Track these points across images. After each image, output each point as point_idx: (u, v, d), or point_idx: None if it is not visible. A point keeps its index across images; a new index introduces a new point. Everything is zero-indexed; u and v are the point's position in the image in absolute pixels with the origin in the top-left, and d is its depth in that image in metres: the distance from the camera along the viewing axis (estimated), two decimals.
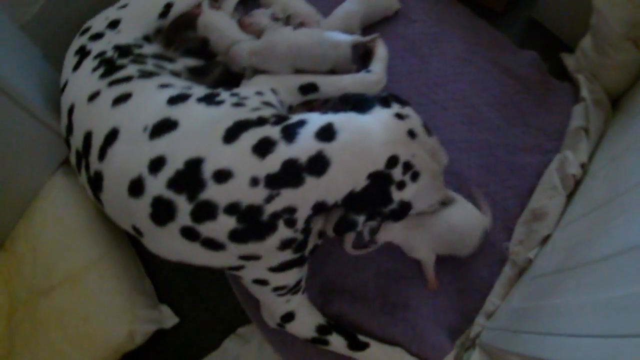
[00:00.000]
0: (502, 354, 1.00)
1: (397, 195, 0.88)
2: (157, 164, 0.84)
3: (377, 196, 0.88)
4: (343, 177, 0.85)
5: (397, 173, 0.87)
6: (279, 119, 0.90)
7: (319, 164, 0.83)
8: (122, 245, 1.33)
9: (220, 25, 1.21)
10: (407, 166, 0.88)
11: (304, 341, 1.11)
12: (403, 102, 0.96)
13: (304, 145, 0.84)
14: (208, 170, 0.82)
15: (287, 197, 0.83)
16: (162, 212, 0.84)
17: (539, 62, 1.21)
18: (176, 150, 0.84)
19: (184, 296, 1.33)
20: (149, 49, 1.11)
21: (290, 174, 0.82)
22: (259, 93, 1.02)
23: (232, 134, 0.85)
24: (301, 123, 0.87)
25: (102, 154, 0.92)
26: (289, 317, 1.06)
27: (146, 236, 0.90)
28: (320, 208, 0.86)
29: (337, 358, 1.10)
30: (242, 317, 1.23)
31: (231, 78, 1.22)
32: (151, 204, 0.84)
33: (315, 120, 0.88)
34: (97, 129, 0.94)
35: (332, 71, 1.19)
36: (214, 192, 0.82)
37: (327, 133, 0.85)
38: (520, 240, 1.12)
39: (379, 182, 0.86)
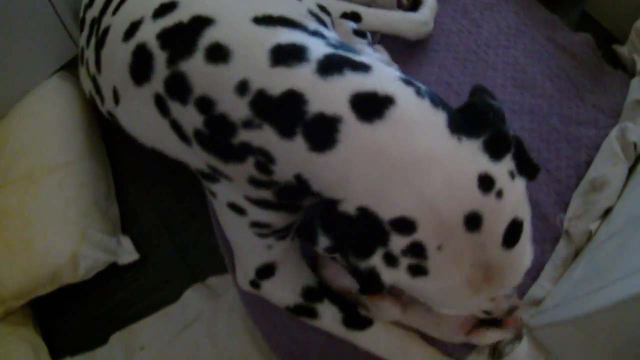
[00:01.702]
0: (561, 329, 0.82)
1: (377, 262, 0.56)
2: (164, 9, 0.67)
3: (353, 237, 0.57)
4: (336, 175, 0.56)
5: (396, 243, 0.54)
6: (339, 45, 0.63)
7: (322, 135, 0.55)
8: (98, 158, 1.13)
9: None
10: (417, 250, 0.54)
11: (287, 313, 0.86)
12: (524, 167, 0.58)
13: (331, 93, 0.55)
14: (209, 36, 0.61)
15: (267, 139, 0.58)
16: (140, 65, 0.66)
17: (594, 45, 1.17)
18: (195, 1, 0.66)
19: (151, 233, 1.09)
20: None
21: (284, 114, 0.57)
22: None
23: (268, 21, 0.62)
24: (362, 67, 0.57)
25: (118, 7, 0.77)
26: (267, 270, 0.81)
27: (122, 99, 0.73)
28: (303, 184, 0.60)
29: (326, 341, 0.86)
30: (218, 266, 0.99)
31: None
32: (133, 51, 0.67)
33: (384, 76, 0.57)
34: None
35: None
36: (195, 68, 0.61)
37: (372, 102, 0.54)
38: (577, 215, 0.97)
39: (367, 226, 0.55)
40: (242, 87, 0.58)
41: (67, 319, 1.08)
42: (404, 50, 1.11)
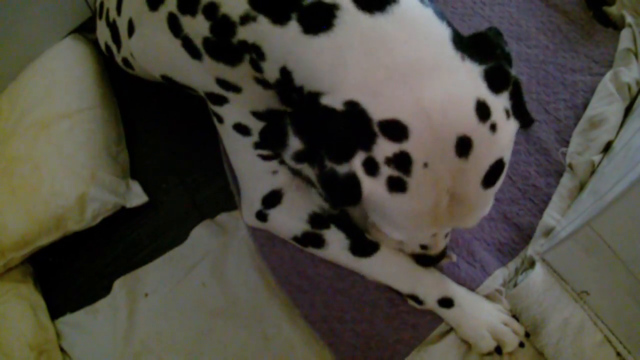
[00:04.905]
0: (565, 248, 0.83)
1: (357, 167, 0.52)
2: None
3: (332, 136, 0.52)
4: (328, 61, 0.52)
5: (382, 149, 0.51)
6: None
7: (318, 19, 0.53)
8: (109, 107, 1.15)
9: None
10: (403, 162, 0.51)
11: (295, 246, 0.85)
12: (519, 112, 0.56)
13: None
14: None
15: (260, 31, 0.58)
16: None
17: (583, 4, 1.22)
18: None
19: (161, 177, 1.10)
20: None
21: (280, 2, 0.57)
22: None
23: None
24: None
25: None
26: (274, 197, 0.81)
27: (137, 28, 0.76)
28: (287, 80, 0.58)
29: (335, 275, 0.85)
30: (228, 204, 1.00)
31: None
32: None
33: None
34: None
35: None
36: None
37: None
38: (578, 151, 0.98)
39: (353, 124, 0.51)
40: None
41: (67, 274, 1.07)
42: None
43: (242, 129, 0.75)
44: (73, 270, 1.05)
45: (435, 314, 0.85)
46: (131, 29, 0.78)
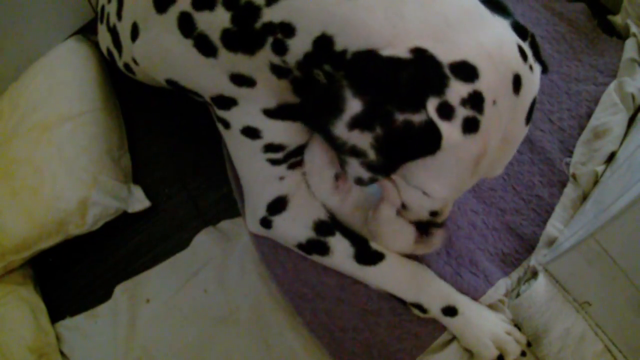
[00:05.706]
0: (568, 259, 0.84)
1: (432, 113, 0.52)
2: None
3: (400, 86, 0.52)
4: (381, 15, 0.53)
5: (456, 91, 0.52)
6: None
7: None
8: (111, 110, 1.14)
9: None
10: (476, 101, 0.53)
11: (299, 254, 0.85)
12: (537, 57, 0.61)
13: None
14: None
15: (292, 4, 0.58)
16: None
17: (589, 13, 1.22)
18: None
19: (163, 182, 1.09)
20: None
21: None
22: None
23: None
24: None
25: None
26: (279, 204, 0.80)
27: (142, 32, 0.75)
28: (323, 48, 0.58)
29: (338, 284, 0.84)
30: (231, 211, 1.00)
31: None
32: None
33: None
34: None
35: None
36: None
37: None
38: (582, 162, 0.99)
39: (424, 70, 0.52)
40: None
41: (68, 277, 1.07)
42: None
43: (250, 133, 0.75)
44: (74, 274, 1.05)
45: (437, 322, 0.85)
46: (135, 33, 0.78)
